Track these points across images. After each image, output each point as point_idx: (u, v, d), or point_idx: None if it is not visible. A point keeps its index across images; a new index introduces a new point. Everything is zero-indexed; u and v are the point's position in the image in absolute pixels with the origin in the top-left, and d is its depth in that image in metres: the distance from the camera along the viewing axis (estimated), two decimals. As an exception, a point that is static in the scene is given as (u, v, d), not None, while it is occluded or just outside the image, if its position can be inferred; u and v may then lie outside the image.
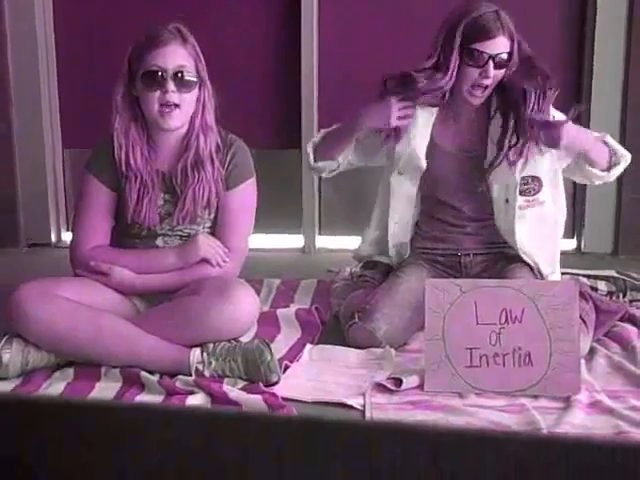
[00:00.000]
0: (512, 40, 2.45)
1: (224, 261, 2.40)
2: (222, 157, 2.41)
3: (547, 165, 2.52)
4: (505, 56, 2.44)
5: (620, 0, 3.20)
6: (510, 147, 2.46)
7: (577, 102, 3.29)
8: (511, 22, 2.45)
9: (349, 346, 2.38)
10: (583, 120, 3.29)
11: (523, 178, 2.50)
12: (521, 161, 2.47)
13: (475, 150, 2.56)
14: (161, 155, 2.41)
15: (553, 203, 2.56)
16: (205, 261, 2.38)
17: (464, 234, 2.60)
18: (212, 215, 2.44)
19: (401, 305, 2.44)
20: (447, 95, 2.50)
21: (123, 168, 2.36)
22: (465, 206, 2.57)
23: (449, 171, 2.56)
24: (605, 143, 2.53)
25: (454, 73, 2.46)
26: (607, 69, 3.25)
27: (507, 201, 2.52)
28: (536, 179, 2.52)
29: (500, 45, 2.43)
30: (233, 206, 2.43)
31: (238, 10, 3.43)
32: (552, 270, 2.57)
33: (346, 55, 3.42)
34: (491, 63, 2.43)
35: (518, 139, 2.45)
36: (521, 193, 2.50)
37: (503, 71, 2.46)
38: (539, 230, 2.55)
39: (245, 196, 2.46)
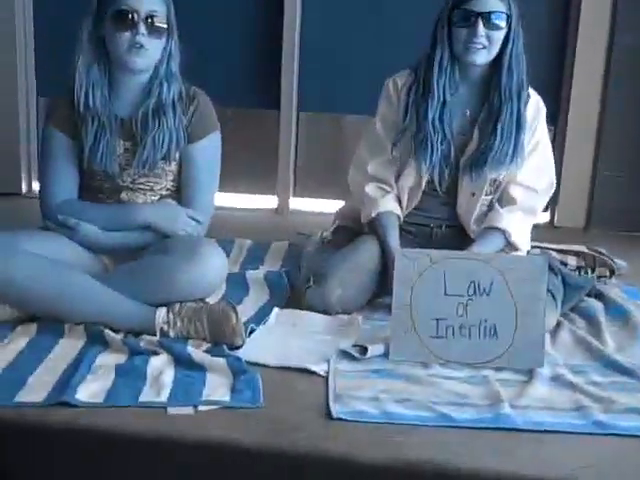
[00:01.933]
0: (509, 4, 2.38)
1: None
2: (184, 108, 2.38)
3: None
4: (499, 15, 2.37)
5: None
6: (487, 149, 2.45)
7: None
8: None
9: (306, 309, 2.38)
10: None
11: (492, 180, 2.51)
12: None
13: (464, 134, 2.52)
14: (122, 101, 2.38)
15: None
16: None
17: (438, 205, 2.58)
18: (172, 167, 2.41)
19: (357, 270, 2.41)
20: (455, 67, 2.45)
21: (81, 108, 2.33)
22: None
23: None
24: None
25: (444, 41, 2.41)
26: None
27: (473, 195, 2.52)
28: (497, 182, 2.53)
29: (490, 3, 2.36)
30: (197, 160, 2.41)
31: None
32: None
33: (329, 20, 3.37)
34: (480, 21, 2.36)
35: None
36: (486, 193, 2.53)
37: (500, 33, 2.38)
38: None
39: (209, 150, 2.43)
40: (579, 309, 2.46)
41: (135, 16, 2.27)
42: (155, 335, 2.15)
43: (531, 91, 2.53)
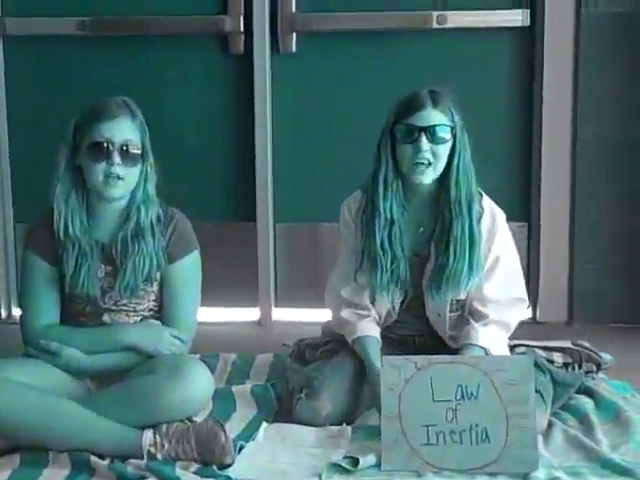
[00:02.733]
0: (452, 116, 2.34)
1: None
2: (163, 229, 2.40)
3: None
4: (443, 129, 2.31)
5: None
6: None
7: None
8: (452, 103, 2.35)
9: (294, 420, 2.34)
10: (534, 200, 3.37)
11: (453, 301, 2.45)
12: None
13: (418, 254, 2.46)
14: (101, 227, 2.39)
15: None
16: None
17: (415, 319, 2.54)
18: (154, 287, 2.41)
19: (347, 386, 2.40)
20: (400, 185, 2.38)
21: (61, 236, 2.34)
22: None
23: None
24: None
25: (388, 158, 2.36)
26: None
27: (439, 315, 2.48)
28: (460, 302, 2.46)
29: (432, 117, 2.30)
30: (178, 281, 2.41)
31: (191, 85, 3.45)
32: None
33: (300, 129, 3.45)
34: (423, 136, 2.30)
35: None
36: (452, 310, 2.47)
37: (446, 146, 2.33)
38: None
39: (189, 269, 2.44)
40: (569, 407, 2.44)
41: (110, 146, 2.29)
42: (142, 458, 2.10)
43: (486, 200, 2.46)
